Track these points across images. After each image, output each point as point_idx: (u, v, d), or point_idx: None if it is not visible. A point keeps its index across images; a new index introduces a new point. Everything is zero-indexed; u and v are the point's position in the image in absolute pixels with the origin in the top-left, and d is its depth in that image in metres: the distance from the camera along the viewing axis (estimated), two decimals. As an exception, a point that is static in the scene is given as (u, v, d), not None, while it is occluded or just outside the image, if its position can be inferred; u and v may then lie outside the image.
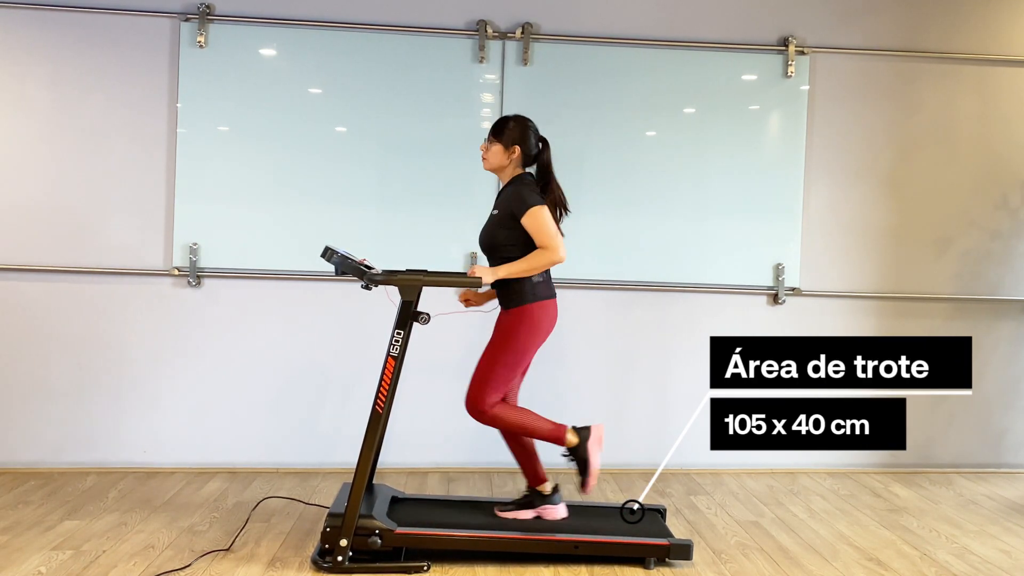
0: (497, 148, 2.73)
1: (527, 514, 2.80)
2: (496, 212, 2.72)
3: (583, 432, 2.74)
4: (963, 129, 3.86)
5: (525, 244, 2.66)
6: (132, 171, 3.53)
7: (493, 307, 2.90)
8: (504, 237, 2.68)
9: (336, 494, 3.27)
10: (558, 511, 2.80)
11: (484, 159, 2.77)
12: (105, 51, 3.50)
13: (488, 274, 2.61)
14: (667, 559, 2.67)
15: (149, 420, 3.58)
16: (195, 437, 3.60)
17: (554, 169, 2.78)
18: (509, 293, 2.69)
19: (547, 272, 2.74)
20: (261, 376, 3.62)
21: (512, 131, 2.72)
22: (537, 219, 2.61)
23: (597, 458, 2.73)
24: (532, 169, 2.79)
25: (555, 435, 2.72)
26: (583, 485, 2.74)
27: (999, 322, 3.92)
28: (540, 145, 2.76)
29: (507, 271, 2.61)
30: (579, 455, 2.73)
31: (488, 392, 2.67)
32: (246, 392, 3.61)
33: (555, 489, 2.83)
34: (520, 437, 2.80)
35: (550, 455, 3.79)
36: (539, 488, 2.82)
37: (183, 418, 3.59)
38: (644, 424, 3.78)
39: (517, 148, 2.72)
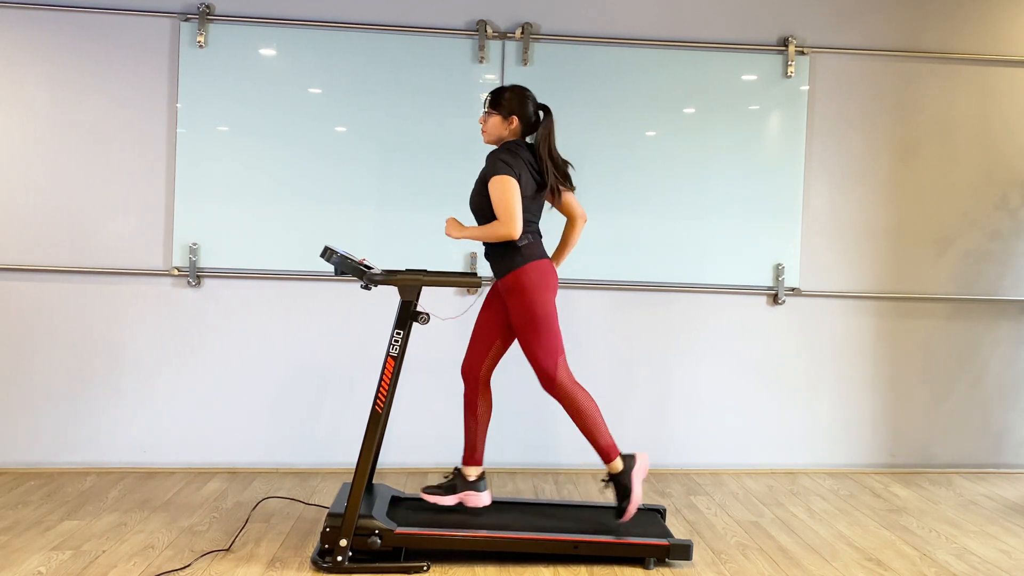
0: (495, 119, 2.71)
1: (450, 500, 2.78)
2: (477, 178, 2.72)
3: (629, 461, 2.72)
4: (963, 129, 3.86)
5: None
6: (132, 171, 3.53)
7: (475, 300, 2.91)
8: (479, 202, 2.68)
9: (335, 494, 3.27)
10: (481, 499, 2.78)
11: (483, 131, 2.75)
12: (104, 51, 3.50)
13: (454, 228, 2.65)
14: (667, 559, 2.66)
15: (149, 420, 3.58)
16: (195, 437, 3.60)
17: (554, 148, 2.71)
18: (500, 262, 2.68)
19: (536, 236, 2.70)
20: (261, 376, 3.62)
21: (509, 101, 2.70)
22: (497, 189, 2.58)
23: (639, 488, 2.70)
24: (532, 139, 2.76)
25: (607, 450, 2.69)
26: (622, 513, 2.70)
27: (999, 322, 3.92)
28: (541, 113, 2.74)
29: (468, 233, 2.63)
30: (622, 482, 2.70)
31: (550, 365, 2.64)
32: (246, 392, 3.61)
33: (481, 476, 2.81)
34: (477, 410, 2.78)
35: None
36: (466, 471, 2.80)
37: (183, 418, 3.59)
38: (644, 424, 3.78)
39: (515, 118, 2.70)
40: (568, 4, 3.68)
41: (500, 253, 2.67)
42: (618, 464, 2.70)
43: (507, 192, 2.57)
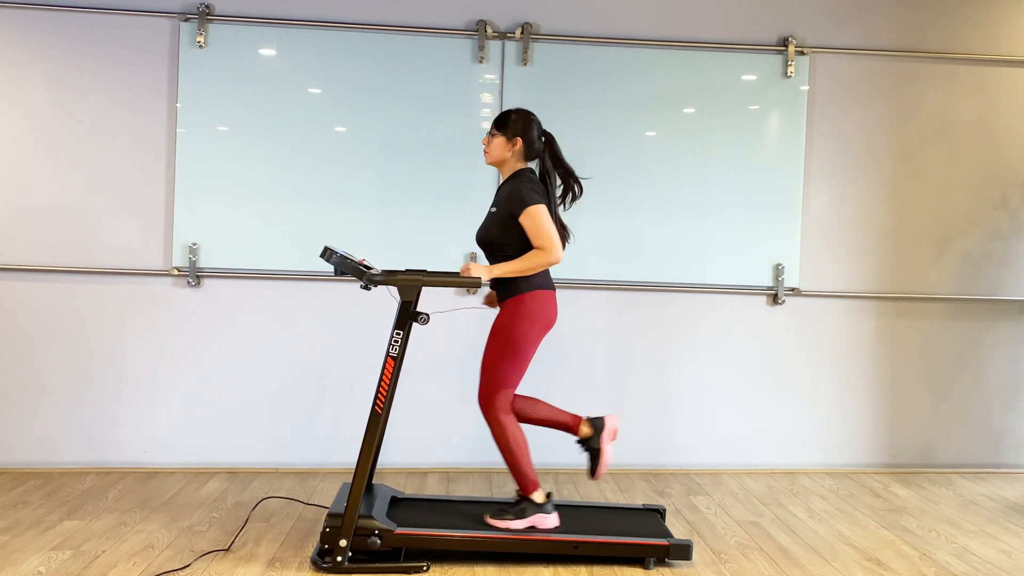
0: (499, 140, 2.71)
1: (520, 524, 2.69)
2: (494, 209, 2.71)
3: (597, 423, 2.76)
4: (963, 129, 3.86)
5: (522, 242, 2.64)
6: (131, 171, 3.53)
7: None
8: (501, 235, 2.66)
9: (335, 494, 3.27)
10: (550, 520, 2.72)
11: (486, 152, 2.75)
12: (104, 51, 3.50)
13: (485, 272, 2.59)
14: (667, 559, 2.66)
15: (149, 420, 3.58)
16: (195, 437, 3.60)
17: (556, 169, 2.76)
18: (505, 287, 2.67)
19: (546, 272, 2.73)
20: (261, 376, 3.62)
21: (515, 123, 2.70)
22: (534, 219, 2.59)
23: (609, 449, 2.75)
24: (535, 165, 2.77)
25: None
26: (593, 473, 2.75)
27: (999, 322, 3.92)
28: (543, 139, 2.75)
29: (503, 270, 2.59)
30: (591, 446, 2.74)
31: (495, 390, 2.65)
32: (246, 392, 3.61)
33: (548, 497, 2.75)
34: (510, 443, 2.70)
35: (547, 455, 3.79)
36: (532, 496, 2.72)
37: (183, 418, 3.59)
38: (643, 424, 3.78)
39: (519, 140, 2.70)
40: (568, 4, 3.68)
41: (509, 280, 2.66)
42: (586, 429, 2.74)
43: (544, 220, 2.60)
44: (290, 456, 3.64)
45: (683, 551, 2.64)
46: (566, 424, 2.75)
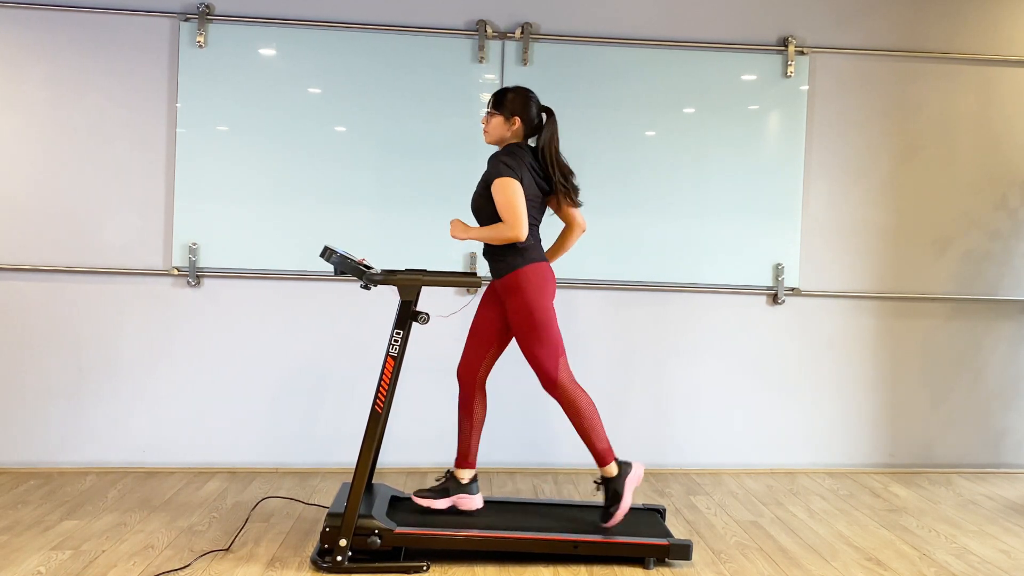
0: (497, 120, 2.70)
1: (442, 503, 2.77)
2: (480, 181, 2.71)
3: (625, 468, 2.72)
4: (962, 129, 3.86)
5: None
6: (131, 171, 3.53)
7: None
8: (482, 203, 2.68)
9: (335, 494, 3.27)
10: (474, 502, 2.77)
11: (485, 132, 2.74)
12: (104, 51, 3.50)
13: (459, 229, 2.63)
14: (667, 559, 2.66)
15: (148, 420, 3.58)
16: (194, 437, 3.60)
17: (556, 149, 2.69)
18: (499, 262, 2.67)
19: (537, 238, 2.70)
20: (260, 376, 3.62)
21: (512, 102, 2.69)
22: (502, 191, 2.57)
23: (630, 497, 2.70)
24: (534, 141, 2.75)
25: (603, 454, 2.68)
26: (609, 517, 2.69)
27: (998, 322, 3.92)
28: (544, 116, 2.73)
29: (475, 234, 2.62)
30: (614, 487, 2.70)
31: (551, 367, 2.63)
32: (245, 392, 3.61)
33: (474, 478, 2.80)
34: (473, 413, 2.77)
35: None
36: (459, 474, 2.78)
37: (182, 418, 3.59)
38: (643, 424, 3.78)
39: (517, 119, 2.69)
40: (568, 4, 3.68)
41: (500, 253, 2.67)
42: (612, 469, 2.70)
43: (511, 194, 2.56)
44: (290, 456, 3.64)
45: (683, 551, 2.64)
46: (599, 450, 2.68)
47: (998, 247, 3.90)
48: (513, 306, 2.65)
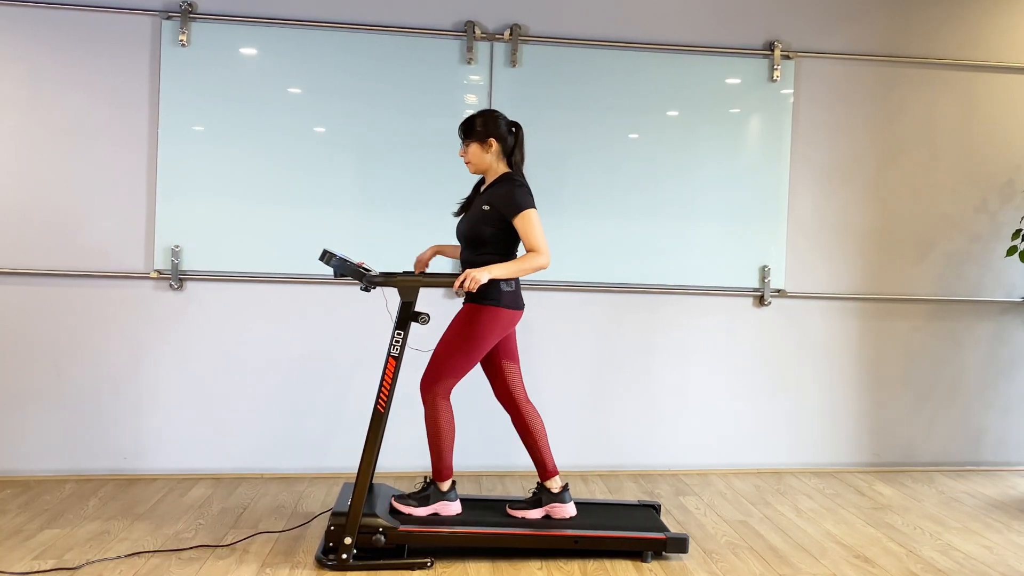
0: (474, 147, 2.73)
1: (536, 513, 2.80)
2: (487, 208, 2.69)
3: (453, 494, 2.75)
4: (945, 133, 3.93)
5: (507, 243, 2.70)
6: (112, 171, 3.46)
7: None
8: (490, 234, 2.68)
9: (321, 499, 3.24)
10: (567, 509, 2.80)
11: (467, 163, 2.77)
12: (85, 49, 3.43)
13: (484, 274, 2.58)
14: (663, 552, 2.71)
15: (130, 426, 3.51)
16: (177, 443, 3.53)
17: (524, 159, 2.79)
18: (484, 287, 2.68)
19: (519, 282, 2.77)
20: (244, 380, 3.56)
21: (482, 126, 2.72)
22: (529, 223, 2.63)
23: (427, 512, 2.71)
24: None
25: (440, 471, 2.72)
26: (403, 502, 2.73)
27: (979, 323, 3.99)
28: (513, 129, 2.77)
29: (502, 271, 2.59)
30: (429, 494, 2.75)
31: (441, 377, 2.67)
32: (229, 397, 3.55)
33: (564, 487, 2.82)
34: (529, 428, 2.78)
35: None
36: (547, 484, 2.81)
37: (164, 423, 3.53)
38: (631, 425, 3.79)
39: (492, 140, 2.72)
40: (556, 6, 3.68)
41: (489, 282, 2.67)
42: (444, 485, 2.73)
43: (538, 225, 2.64)
44: (275, 461, 3.59)
45: (679, 544, 2.71)
46: (437, 467, 2.72)
47: (978, 249, 3.98)
48: (464, 320, 2.67)
